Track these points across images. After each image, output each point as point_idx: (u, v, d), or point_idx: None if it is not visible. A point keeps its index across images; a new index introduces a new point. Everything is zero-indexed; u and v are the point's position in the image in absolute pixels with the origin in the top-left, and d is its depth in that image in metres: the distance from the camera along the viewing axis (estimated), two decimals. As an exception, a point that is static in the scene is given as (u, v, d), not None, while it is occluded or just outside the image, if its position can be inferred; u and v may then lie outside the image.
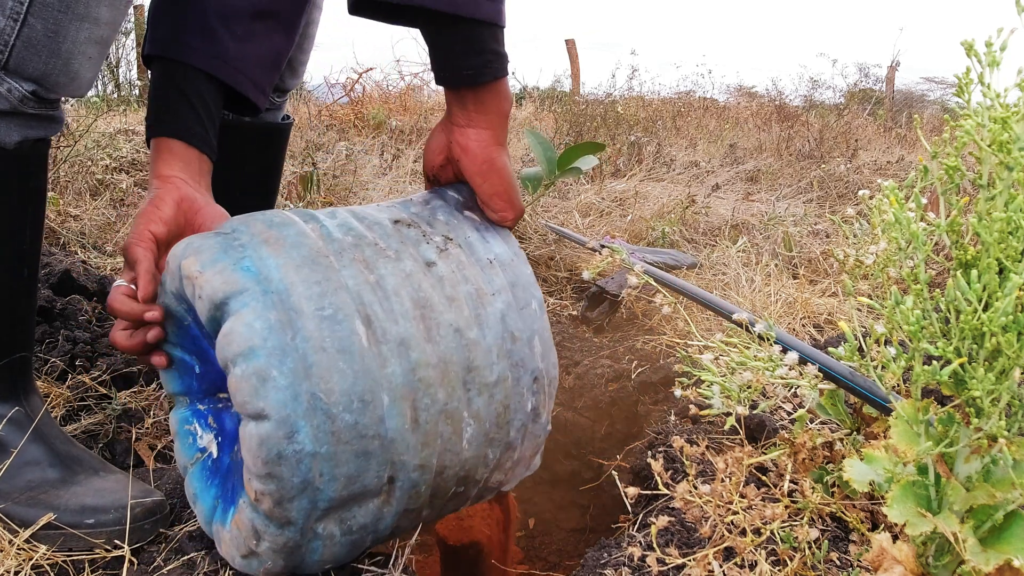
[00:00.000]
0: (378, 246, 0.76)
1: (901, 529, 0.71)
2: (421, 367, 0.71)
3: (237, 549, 0.73)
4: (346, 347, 0.67)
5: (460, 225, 0.83)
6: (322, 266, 0.70)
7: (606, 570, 0.84)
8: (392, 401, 0.69)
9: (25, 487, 0.89)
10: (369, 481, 0.69)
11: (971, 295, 0.63)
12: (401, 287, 0.73)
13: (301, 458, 0.64)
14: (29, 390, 0.96)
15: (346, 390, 0.66)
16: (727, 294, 1.91)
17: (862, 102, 7.95)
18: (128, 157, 2.88)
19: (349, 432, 0.66)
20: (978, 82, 0.68)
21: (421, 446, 0.71)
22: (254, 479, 0.66)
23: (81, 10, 0.81)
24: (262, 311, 0.65)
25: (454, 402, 0.73)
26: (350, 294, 0.70)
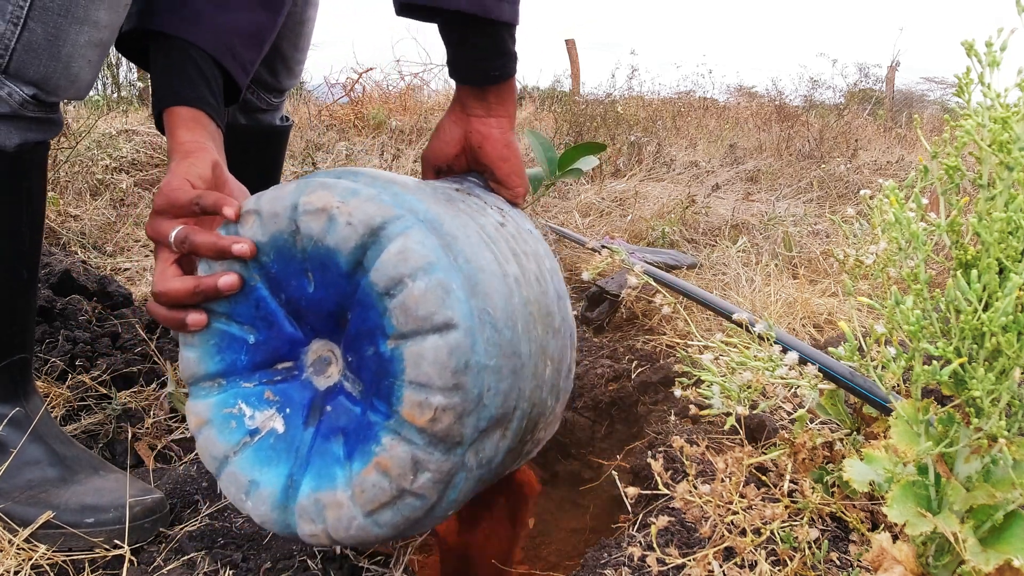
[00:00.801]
0: (466, 202, 0.79)
1: (901, 529, 0.71)
2: (530, 302, 0.74)
3: (368, 504, 0.67)
4: (494, 271, 0.70)
5: (496, 201, 0.88)
6: (453, 205, 0.74)
7: (606, 570, 0.84)
8: (523, 327, 0.71)
9: (25, 486, 0.89)
10: (510, 403, 0.70)
11: (971, 295, 0.63)
12: (497, 235, 0.76)
13: (480, 369, 0.66)
14: (29, 390, 0.96)
15: (503, 308, 0.69)
16: (727, 294, 1.91)
17: (862, 102, 7.95)
18: (128, 157, 2.88)
19: (508, 347, 0.68)
20: (978, 82, 0.68)
21: (532, 377, 0.73)
22: (437, 394, 0.64)
23: (81, 13, 0.81)
24: (426, 233, 0.67)
25: (544, 341, 0.75)
26: (476, 230, 0.73)
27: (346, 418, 0.70)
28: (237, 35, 0.88)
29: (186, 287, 0.70)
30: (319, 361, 0.73)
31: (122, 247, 2.24)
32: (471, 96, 0.91)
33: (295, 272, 0.70)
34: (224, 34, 0.85)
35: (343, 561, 0.87)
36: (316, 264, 0.69)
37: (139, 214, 2.50)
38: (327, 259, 0.68)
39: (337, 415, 0.71)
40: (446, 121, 0.94)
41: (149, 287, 1.86)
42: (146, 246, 2.28)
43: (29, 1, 0.79)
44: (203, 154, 0.79)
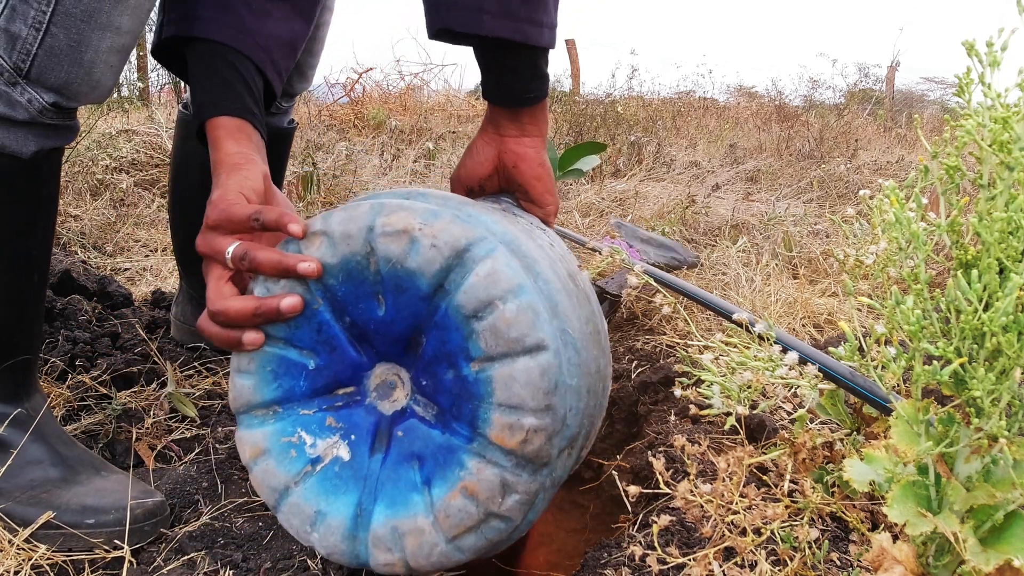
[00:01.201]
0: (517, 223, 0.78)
1: (901, 529, 0.71)
2: (588, 322, 0.73)
3: (453, 528, 0.66)
4: (568, 291, 0.70)
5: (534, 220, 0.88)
6: (519, 225, 0.74)
7: (606, 570, 0.85)
8: (588, 347, 0.71)
9: (27, 486, 0.89)
10: (585, 423, 0.69)
11: (971, 295, 0.63)
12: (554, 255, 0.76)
13: (567, 390, 0.66)
14: (32, 391, 0.97)
15: (579, 329, 0.69)
16: (727, 294, 1.91)
17: (862, 102, 7.95)
18: (128, 157, 2.88)
19: (584, 367, 0.69)
20: (979, 82, 0.68)
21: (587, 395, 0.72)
22: (528, 416, 0.64)
23: (104, 19, 0.81)
24: (510, 255, 0.66)
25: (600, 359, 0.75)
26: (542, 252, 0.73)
27: (421, 443, 0.68)
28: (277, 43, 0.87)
29: (246, 307, 0.67)
30: (383, 385, 0.72)
31: (122, 247, 2.24)
32: (505, 117, 0.91)
33: (364, 295, 0.68)
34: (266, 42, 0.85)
35: (343, 561, 0.87)
36: (390, 287, 0.67)
37: (139, 214, 2.50)
38: (405, 281, 0.66)
39: (410, 440, 0.69)
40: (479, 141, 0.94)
41: (149, 287, 1.86)
42: (146, 246, 2.28)
43: (52, 7, 0.78)
44: (253, 167, 0.77)
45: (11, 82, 0.80)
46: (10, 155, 0.83)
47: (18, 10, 0.78)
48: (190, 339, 1.42)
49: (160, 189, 2.76)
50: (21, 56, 0.80)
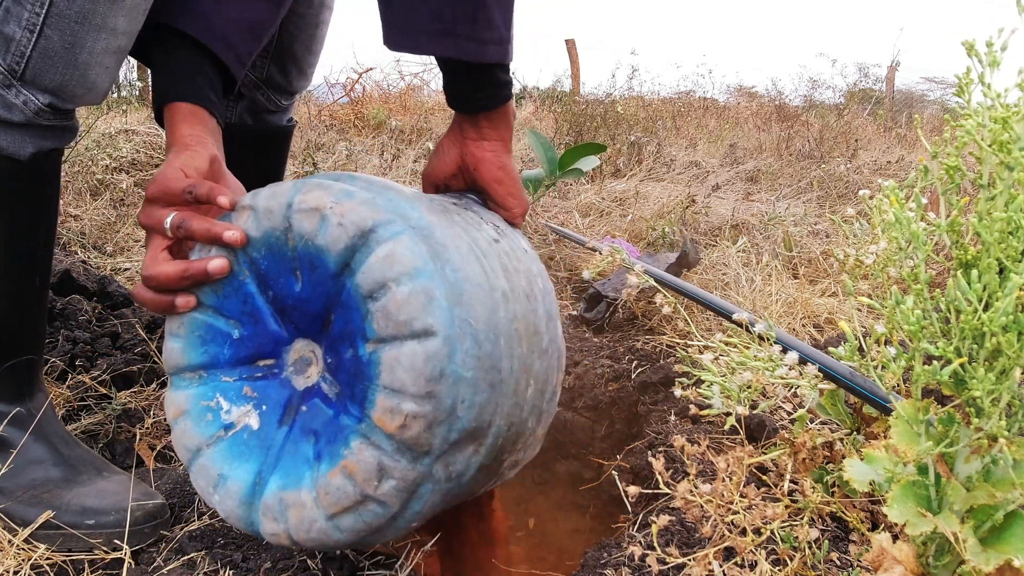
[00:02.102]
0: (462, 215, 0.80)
1: (901, 529, 0.71)
2: (515, 319, 0.73)
3: (330, 507, 0.67)
4: (480, 283, 0.70)
5: (493, 218, 0.88)
6: (447, 215, 0.75)
7: (606, 570, 0.85)
8: (505, 343, 0.70)
9: (28, 486, 0.89)
10: (484, 417, 0.69)
11: (971, 295, 0.63)
12: (489, 250, 0.76)
13: (456, 380, 0.65)
14: (35, 390, 0.97)
15: (486, 320, 0.68)
16: (727, 294, 1.91)
17: (862, 102, 7.95)
18: (128, 157, 2.88)
19: (488, 361, 0.67)
20: (978, 82, 0.68)
21: (511, 394, 0.72)
22: (408, 401, 0.64)
23: (99, 21, 0.81)
24: (416, 240, 0.67)
25: (528, 360, 0.74)
26: (468, 243, 0.73)
27: (320, 420, 0.70)
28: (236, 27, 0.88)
29: (176, 270, 0.71)
30: (300, 361, 0.73)
31: (122, 247, 2.24)
32: (465, 120, 0.93)
33: (284, 270, 0.70)
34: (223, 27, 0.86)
35: (343, 561, 0.87)
36: (305, 263, 0.69)
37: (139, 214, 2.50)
38: (316, 259, 0.68)
39: (312, 416, 0.71)
40: (444, 141, 0.96)
41: (149, 287, 1.86)
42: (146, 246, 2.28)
43: (46, 8, 0.78)
44: (201, 148, 0.80)
45: (6, 84, 0.80)
46: (8, 157, 0.83)
47: (12, 12, 0.78)
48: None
49: (160, 189, 2.76)
50: (15, 58, 0.79)
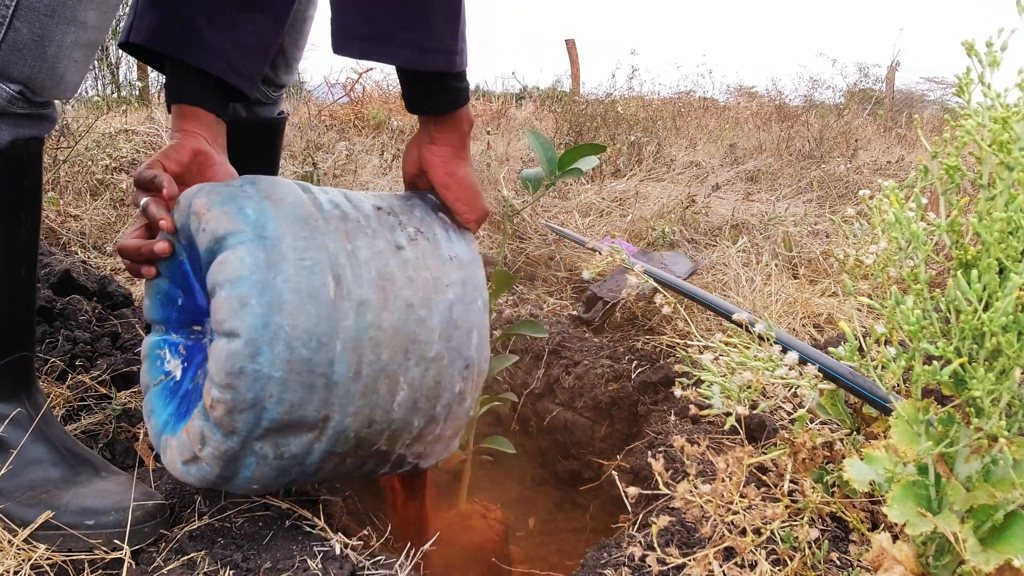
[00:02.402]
0: (359, 223, 0.88)
1: (901, 529, 0.71)
2: (373, 328, 0.81)
3: (181, 455, 0.82)
4: (315, 295, 0.78)
5: (432, 223, 0.94)
6: (310, 227, 0.82)
7: (606, 570, 0.85)
8: (343, 350, 0.79)
9: (27, 486, 0.89)
10: (308, 413, 0.79)
11: (971, 295, 0.63)
12: (371, 260, 0.84)
13: (258, 377, 0.75)
14: (32, 390, 0.96)
15: (308, 329, 0.77)
16: (727, 294, 1.91)
17: (862, 102, 7.95)
18: (128, 157, 2.88)
19: (302, 365, 0.77)
20: (978, 82, 0.68)
21: (359, 396, 0.82)
22: (214, 387, 0.76)
23: (68, 14, 0.81)
24: (254, 250, 0.76)
25: (394, 365, 0.84)
26: (328, 254, 0.81)
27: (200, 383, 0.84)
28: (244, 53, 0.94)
29: (133, 245, 0.86)
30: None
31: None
32: (421, 124, 0.98)
33: (196, 257, 0.83)
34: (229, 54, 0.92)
35: (343, 561, 0.87)
36: (196, 256, 0.82)
37: (139, 214, 2.50)
38: (198, 253, 0.81)
39: (201, 378, 0.86)
40: (410, 142, 1.01)
41: (149, 287, 1.86)
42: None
43: (15, 1, 0.79)
44: (186, 141, 0.91)
45: None
46: None
47: None
48: (190, 339, 1.42)
49: (160, 189, 2.77)
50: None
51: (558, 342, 1.62)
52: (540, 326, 1.16)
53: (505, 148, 3.83)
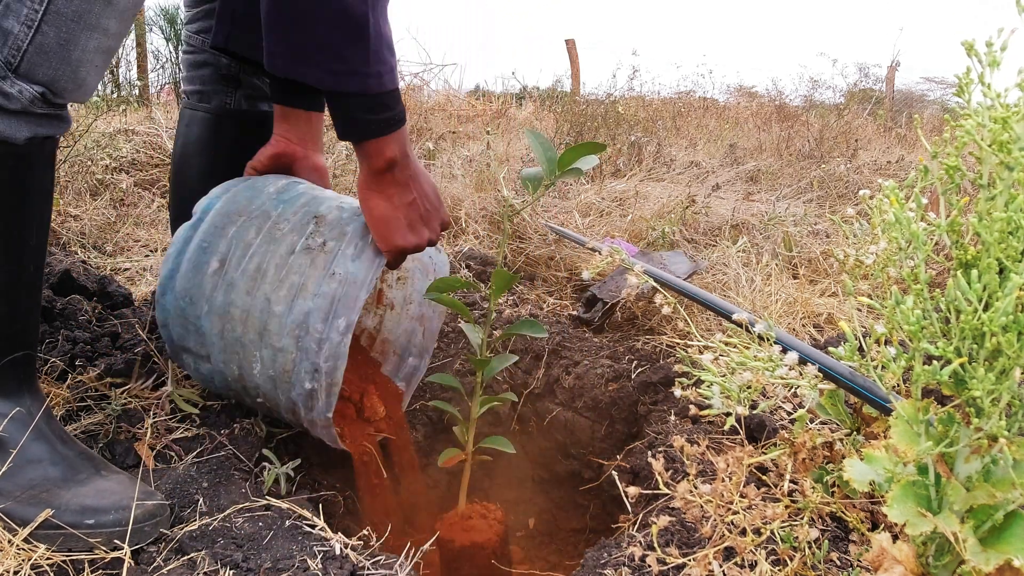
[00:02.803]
0: (277, 225, 1.05)
1: (901, 529, 0.71)
2: (233, 306, 1.03)
3: None
4: (200, 268, 1.05)
5: (351, 241, 1.02)
6: (229, 219, 1.06)
7: (606, 570, 0.85)
8: (208, 312, 1.05)
9: (27, 485, 0.89)
10: (191, 345, 1.10)
11: (971, 295, 0.63)
12: (257, 254, 1.03)
13: (163, 309, 1.09)
14: (33, 388, 0.97)
15: (186, 289, 1.06)
16: (727, 294, 1.91)
17: (862, 102, 7.94)
18: (128, 157, 2.88)
19: (180, 312, 1.08)
20: (978, 82, 0.68)
21: (224, 350, 1.07)
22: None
23: (93, 21, 0.84)
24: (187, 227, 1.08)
25: (247, 340, 1.04)
26: (226, 242, 1.04)
27: None
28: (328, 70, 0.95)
29: None
30: None
31: (122, 247, 2.24)
32: None
33: None
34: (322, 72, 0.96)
35: (343, 561, 0.87)
36: None
37: (139, 214, 2.50)
38: None
39: None
40: None
41: (149, 287, 1.86)
42: (146, 246, 2.28)
43: (45, 6, 0.82)
44: (268, 148, 1.17)
45: (1, 76, 0.83)
46: (4, 141, 0.86)
47: (11, 8, 0.81)
48: (190, 339, 1.42)
49: (160, 189, 2.77)
50: (12, 51, 0.83)
51: (558, 342, 1.62)
52: (540, 326, 1.16)
53: (505, 148, 3.83)
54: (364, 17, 0.88)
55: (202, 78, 1.31)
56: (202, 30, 1.29)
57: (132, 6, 0.88)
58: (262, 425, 1.20)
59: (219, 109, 1.30)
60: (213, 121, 1.31)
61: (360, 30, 0.89)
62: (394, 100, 0.96)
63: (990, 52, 0.66)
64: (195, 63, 1.31)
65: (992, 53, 0.66)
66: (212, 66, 1.29)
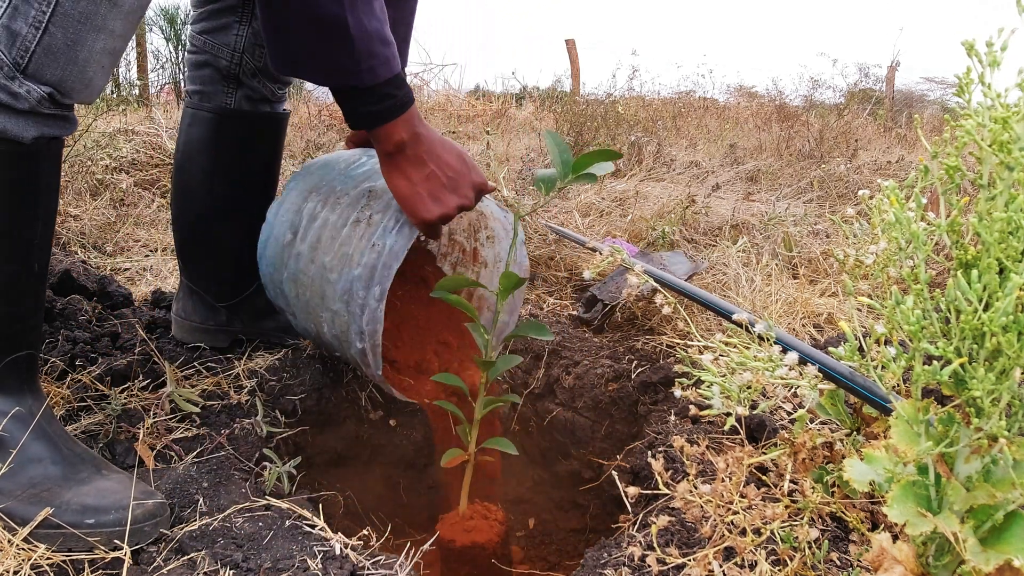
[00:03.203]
0: (338, 199, 1.16)
1: (901, 529, 0.71)
2: (302, 273, 1.16)
3: None
4: (279, 240, 1.20)
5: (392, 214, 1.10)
6: (304, 196, 1.20)
7: (606, 570, 0.85)
8: (287, 279, 1.20)
9: (27, 484, 0.89)
10: (281, 303, 1.26)
11: (971, 295, 0.63)
12: (319, 226, 1.15)
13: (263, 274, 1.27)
14: (35, 388, 0.97)
15: (272, 258, 1.22)
16: (727, 294, 1.91)
17: (862, 102, 7.94)
18: (128, 157, 2.88)
19: (269, 277, 1.25)
20: (978, 82, 0.68)
21: (302, 310, 1.21)
22: None
23: (99, 22, 0.86)
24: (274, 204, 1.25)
25: (314, 303, 1.16)
26: (299, 216, 1.18)
27: None
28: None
29: None
30: None
31: (122, 247, 2.24)
32: None
33: None
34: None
35: (343, 561, 0.87)
36: None
37: (139, 214, 2.50)
38: None
39: None
40: None
41: (149, 287, 1.86)
42: (146, 246, 2.28)
43: (52, 8, 0.83)
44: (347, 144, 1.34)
45: (10, 76, 0.84)
46: (12, 140, 0.87)
47: (20, 9, 0.83)
48: (191, 337, 1.42)
49: (160, 189, 2.77)
50: (20, 52, 0.84)
51: (558, 342, 1.62)
52: (545, 328, 1.15)
53: (505, 148, 3.83)
54: (340, 20, 0.91)
55: (203, 78, 1.31)
56: (205, 30, 1.30)
57: (138, 8, 0.89)
58: (262, 425, 1.20)
59: (220, 109, 1.31)
60: (214, 121, 1.31)
61: (339, 33, 0.92)
62: (395, 87, 0.99)
63: (990, 52, 0.66)
64: (197, 63, 1.32)
65: (992, 53, 0.66)
66: (213, 67, 1.30)
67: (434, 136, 1.07)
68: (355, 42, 0.93)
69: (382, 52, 0.96)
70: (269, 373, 1.35)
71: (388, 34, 0.97)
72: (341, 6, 0.91)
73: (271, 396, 1.31)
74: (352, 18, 0.92)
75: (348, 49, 0.93)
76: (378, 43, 0.96)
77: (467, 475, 1.22)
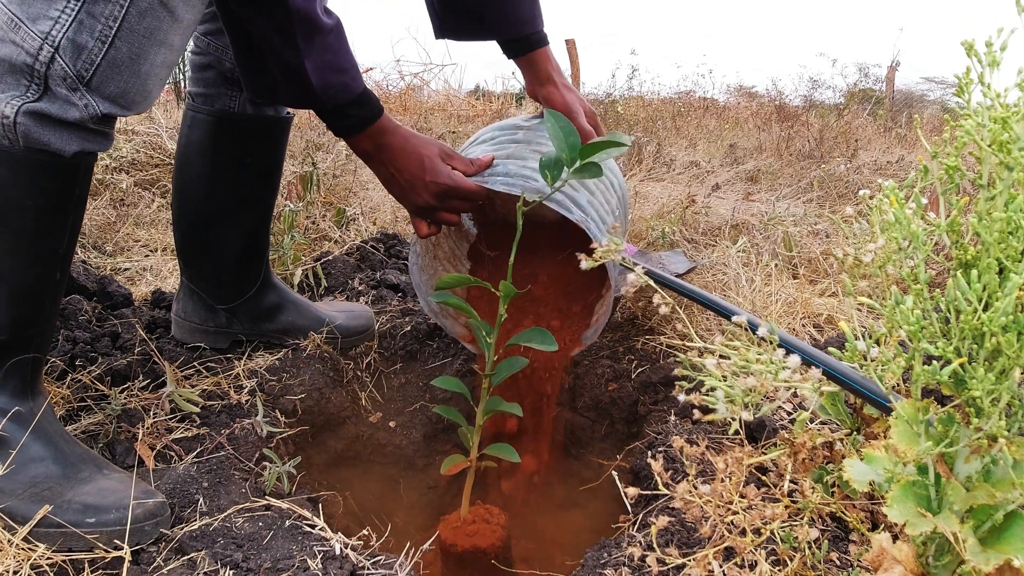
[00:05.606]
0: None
1: (901, 529, 0.71)
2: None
3: None
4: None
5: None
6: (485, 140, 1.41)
7: (606, 570, 0.85)
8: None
9: (28, 483, 0.89)
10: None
11: (971, 295, 0.63)
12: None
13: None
14: (36, 389, 0.97)
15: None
16: (727, 294, 1.91)
17: (862, 102, 7.94)
18: (128, 157, 2.88)
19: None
20: (978, 82, 0.68)
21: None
22: None
23: (161, 37, 0.90)
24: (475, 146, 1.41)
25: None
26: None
27: None
28: None
29: None
30: None
31: (122, 247, 2.24)
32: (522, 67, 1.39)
33: None
34: None
35: (343, 561, 0.87)
36: None
37: (139, 214, 2.50)
38: None
39: None
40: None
41: (149, 287, 1.86)
42: (146, 246, 2.28)
43: (119, 23, 0.86)
44: None
45: (72, 88, 0.86)
46: (53, 153, 0.89)
47: (85, 24, 0.85)
48: (191, 337, 1.42)
49: (160, 189, 2.77)
50: (85, 65, 0.86)
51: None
52: (550, 336, 1.11)
53: (505, 148, 3.82)
54: (299, 66, 1.04)
55: (206, 80, 1.30)
56: (210, 31, 1.29)
57: (194, 22, 0.93)
58: (262, 425, 1.20)
59: (221, 112, 1.30)
60: (215, 124, 1.30)
61: (299, 76, 1.06)
62: (356, 107, 1.12)
63: (990, 52, 0.66)
64: (200, 65, 1.31)
65: (992, 53, 0.66)
66: (216, 69, 1.29)
67: (400, 144, 1.18)
68: (312, 79, 1.06)
69: (338, 80, 1.09)
70: (269, 373, 1.35)
71: (343, 61, 1.09)
72: (298, 54, 1.03)
73: (271, 396, 1.31)
74: (309, 62, 1.05)
75: (306, 87, 1.07)
76: (332, 75, 1.08)
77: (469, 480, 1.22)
